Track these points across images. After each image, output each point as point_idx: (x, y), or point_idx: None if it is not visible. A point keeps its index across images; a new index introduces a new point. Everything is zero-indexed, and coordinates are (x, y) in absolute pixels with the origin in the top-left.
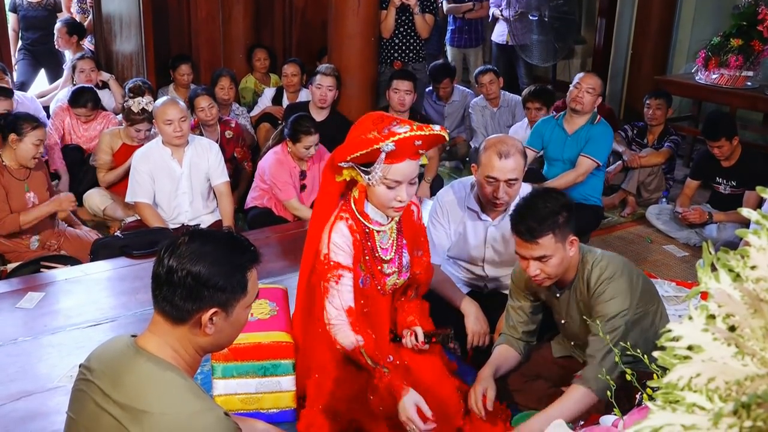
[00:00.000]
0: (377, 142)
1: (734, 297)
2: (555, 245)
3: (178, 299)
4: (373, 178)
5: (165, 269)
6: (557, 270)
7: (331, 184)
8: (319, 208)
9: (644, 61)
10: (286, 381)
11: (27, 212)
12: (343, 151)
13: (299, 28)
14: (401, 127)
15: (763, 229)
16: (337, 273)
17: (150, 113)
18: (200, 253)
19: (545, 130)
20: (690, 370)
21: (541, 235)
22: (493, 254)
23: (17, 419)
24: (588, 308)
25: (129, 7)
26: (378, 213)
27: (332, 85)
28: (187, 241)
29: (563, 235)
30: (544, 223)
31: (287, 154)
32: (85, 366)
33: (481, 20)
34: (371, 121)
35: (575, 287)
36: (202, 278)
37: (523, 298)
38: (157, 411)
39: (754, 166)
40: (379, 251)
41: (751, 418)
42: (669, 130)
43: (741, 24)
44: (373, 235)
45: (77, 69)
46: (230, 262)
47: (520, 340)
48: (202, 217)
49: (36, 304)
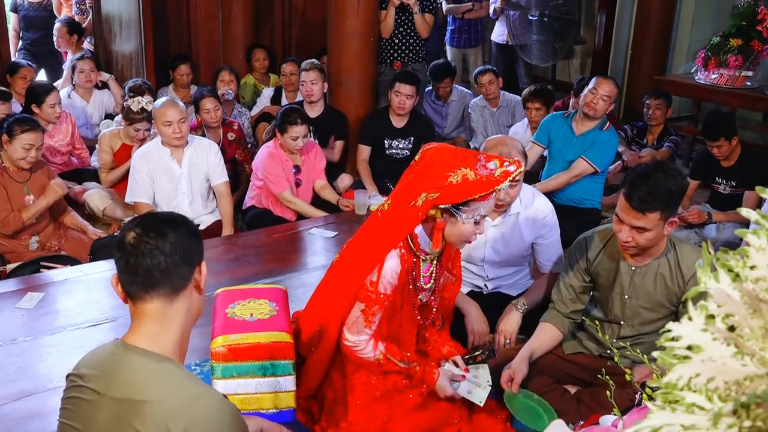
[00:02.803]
0: (498, 183)
1: (734, 297)
2: (658, 222)
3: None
4: (473, 216)
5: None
6: (649, 243)
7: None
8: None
9: (644, 61)
10: (286, 381)
11: (27, 208)
12: (454, 195)
13: (299, 28)
14: (492, 162)
15: (763, 229)
16: (383, 305)
17: (149, 113)
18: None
19: (553, 126)
20: (689, 370)
21: (651, 209)
22: (493, 254)
23: (17, 419)
24: (670, 289)
25: (128, 8)
26: (428, 243)
27: (315, 79)
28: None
29: (668, 215)
30: (658, 199)
31: (279, 149)
32: (74, 374)
33: (481, 20)
34: (455, 158)
35: (656, 268)
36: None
37: (578, 277)
38: (157, 398)
39: (753, 166)
40: (420, 280)
41: (751, 418)
42: (668, 130)
43: (740, 24)
44: (419, 265)
45: (77, 69)
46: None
47: (567, 317)
48: (202, 217)
49: (36, 305)
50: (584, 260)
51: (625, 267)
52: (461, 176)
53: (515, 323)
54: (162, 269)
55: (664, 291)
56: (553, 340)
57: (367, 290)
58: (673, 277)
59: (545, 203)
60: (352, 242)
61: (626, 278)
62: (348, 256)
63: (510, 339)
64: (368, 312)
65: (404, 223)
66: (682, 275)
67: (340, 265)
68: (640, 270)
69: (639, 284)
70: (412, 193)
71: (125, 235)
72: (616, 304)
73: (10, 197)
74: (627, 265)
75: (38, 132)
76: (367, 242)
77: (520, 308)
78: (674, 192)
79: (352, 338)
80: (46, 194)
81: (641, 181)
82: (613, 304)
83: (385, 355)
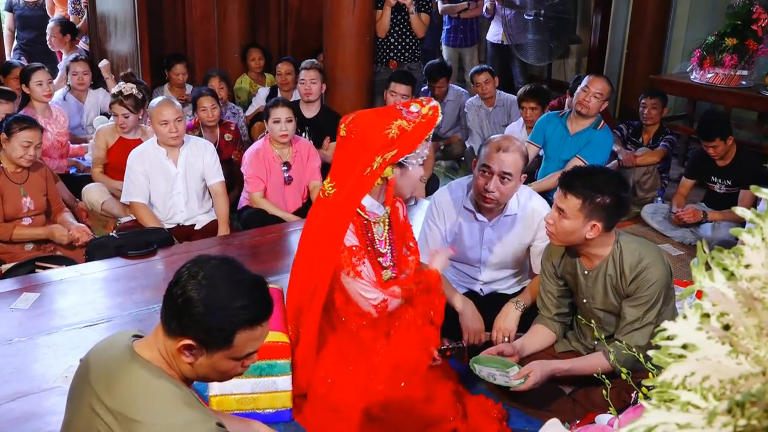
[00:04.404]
0: (435, 118)
1: (728, 296)
2: (577, 212)
3: (169, 312)
4: (419, 160)
5: (176, 277)
6: (563, 234)
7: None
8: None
9: (639, 60)
10: (282, 381)
11: (22, 229)
12: (407, 146)
13: (294, 28)
14: (413, 106)
15: (758, 228)
16: (360, 254)
17: (138, 101)
18: (211, 282)
19: (548, 126)
20: (684, 369)
21: (574, 193)
22: (489, 255)
23: (13, 420)
24: (618, 290)
25: (124, 7)
26: (375, 203)
27: (315, 78)
28: (216, 264)
29: (590, 213)
30: (585, 189)
31: (268, 146)
32: (84, 362)
33: (477, 19)
34: (380, 117)
35: (605, 270)
36: (190, 306)
37: (551, 283)
38: (149, 421)
39: (749, 166)
40: (376, 243)
41: (746, 416)
42: (664, 130)
43: (736, 23)
44: (371, 227)
45: (70, 71)
46: (226, 310)
47: (554, 320)
48: (198, 217)
49: (31, 305)
50: (551, 265)
51: (581, 271)
52: (397, 128)
53: (513, 320)
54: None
55: (613, 292)
56: (544, 338)
57: (341, 258)
58: (617, 278)
59: (542, 204)
60: (308, 229)
61: (582, 281)
62: (311, 243)
63: (509, 336)
64: (355, 271)
65: (359, 191)
66: (624, 276)
67: (305, 252)
68: (591, 273)
69: (591, 288)
70: (361, 163)
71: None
72: (582, 307)
73: (6, 199)
74: (582, 268)
75: (37, 130)
76: (328, 223)
77: (519, 306)
78: (604, 192)
79: (367, 303)
80: (44, 229)
81: (584, 169)
82: (581, 307)
83: (403, 289)
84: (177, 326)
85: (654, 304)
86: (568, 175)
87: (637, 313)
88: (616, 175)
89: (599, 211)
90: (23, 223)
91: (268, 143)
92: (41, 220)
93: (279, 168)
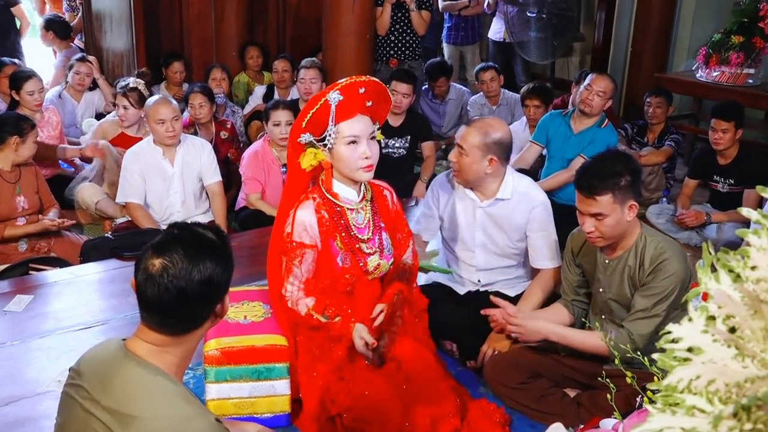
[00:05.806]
0: (323, 95)
1: (734, 298)
2: (612, 205)
3: (198, 309)
4: (330, 141)
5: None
6: (612, 231)
7: (297, 168)
8: (287, 191)
9: (644, 58)
10: (281, 385)
11: (15, 227)
12: (297, 123)
13: (293, 26)
14: (342, 80)
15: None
16: (300, 252)
17: (141, 96)
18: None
19: (551, 125)
20: (690, 372)
21: (600, 192)
22: (484, 238)
23: (5, 424)
24: (634, 282)
25: (119, 5)
26: (348, 190)
27: (315, 77)
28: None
29: (623, 198)
30: (606, 181)
31: (267, 147)
32: (74, 369)
33: (478, 17)
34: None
35: (625, 259)
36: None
37: (570, 271)
38: (146, 416)
39: (751, 164)
40: (354, 230)
41: (752, 420)
42: (669, 129)
43: (742, 21)
44: (345, 213)
45: (74, 69)
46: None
47: (573, 303)
48: (195, 217)
49: (25, 307)
50: (570, 253)
51: (601, 260)
52: (311, 115)
53: (507, 341)
54: (181, 317)
55: (629, 284)
56: (558, 314)
57: (284, 242)
58: (636, 269)
59: (539, 190)
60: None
61: (602, 271)
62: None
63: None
64: (290, 263)
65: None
66: (643, 267)
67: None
68: (611, 263)
69: (610, 278)
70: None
71: (151, 263)
72: (597, 298)
73: (2, 199)
74: (602, 257)
75: (37, 79)
76: (282, 201)
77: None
78: (621, 172)
79: (286, 291)
80: (36, 224)
81: (587, 167)
82: (596, 298)
83: (309, 310)
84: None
85: (665, 297)
86: (581, 179)
87: (646, 303)
88: (615, 152)
89: (628, 191)
90: (18, 224)
91: (268, 145)
92: (35, 219)
93: (278, 170)
